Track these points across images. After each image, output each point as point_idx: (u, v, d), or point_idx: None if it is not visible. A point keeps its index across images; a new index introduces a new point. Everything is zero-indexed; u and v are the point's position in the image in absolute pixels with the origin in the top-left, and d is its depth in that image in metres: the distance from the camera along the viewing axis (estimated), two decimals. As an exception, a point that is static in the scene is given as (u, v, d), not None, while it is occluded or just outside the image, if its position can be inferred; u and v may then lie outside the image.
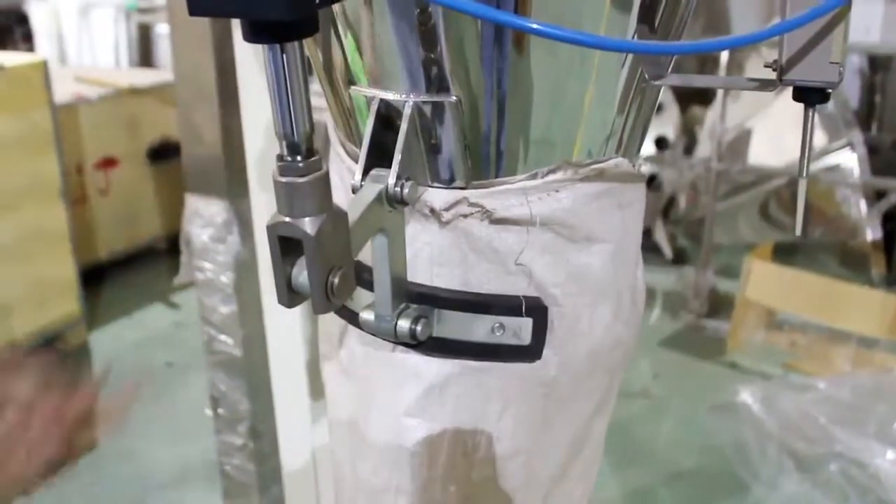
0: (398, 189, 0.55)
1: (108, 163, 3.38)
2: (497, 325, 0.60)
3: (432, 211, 0.59)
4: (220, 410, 1.65)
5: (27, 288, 2.74)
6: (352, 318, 0.63)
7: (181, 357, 2.95)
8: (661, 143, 3.53)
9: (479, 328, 0.60)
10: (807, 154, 0.60)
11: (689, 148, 3.64)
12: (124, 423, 0.90)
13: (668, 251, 3.50)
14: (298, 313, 1.08)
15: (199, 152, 1.54)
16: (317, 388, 1.10)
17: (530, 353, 0.61)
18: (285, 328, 1.09)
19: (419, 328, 0.58)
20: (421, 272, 0.60)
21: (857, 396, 2.45)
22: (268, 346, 1.11)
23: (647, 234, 3.46)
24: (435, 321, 0.60)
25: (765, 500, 2.20)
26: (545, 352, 0.61)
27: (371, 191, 0.55)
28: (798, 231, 0.62)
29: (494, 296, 0.59)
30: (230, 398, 1.63)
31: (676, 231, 3.62)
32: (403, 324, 0.58)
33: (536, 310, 0.60)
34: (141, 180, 3.51)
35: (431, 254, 0.59)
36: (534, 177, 0.59)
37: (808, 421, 2.42)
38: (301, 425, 1.11)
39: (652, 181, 3.40)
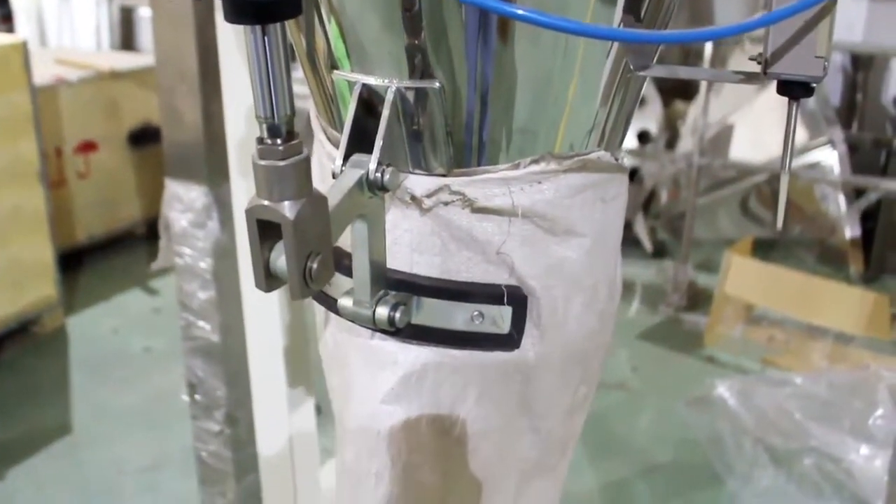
0: (379, 175, 0.55)
1: (88, 146, 3.35)
2: (476, 313, 0.59)
3: (413, 198, 0.58)
4: (197, 396, 1.64)
5: (3, 271, 2.72)
6: (331, 304, 0.63)
7: (159, 343, 2.94)
8: (643, 137, 3.53)
9: (459, 316, 0.59)
10: (790, 148, 0.60)
11: (671, 142, 3.65)
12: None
13: (648, 245, 3.51)
14: (277, 300, 1.08)
15: (180, 136, 1.53)
16: (294, 376, 1.10)
17: (509, 341, 0.61)
18: (264, 315, 1.08)
19: (398, 315, 0.58)
20: (400, 259, 0.60)
21: (833, 392, 2.47)
22: (246, 333, 1.10)
23: (628, 227, 3.47)
24: (414, 309, 0.59)
25: (739, 494, 2.21)
26: (524, 341, 0.61)
27: (352, 176, 0.54)
28: (779, 225, 0.62)
29: (474, 284, 0.59)
30: (207, 384, 1.62)
31: (657, 225, 3.63)
32: (382, 311, 0.57)
33: (517, 299, 0.60)
34: (121, 164, 3.48)
35: (411, 241, 0.59)
36: (516, 167, 0.58)
37: (784, 416, 2.43)
38: (278, 412, 1.11)
39: (633, 175, 3.41)
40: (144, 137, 3.48)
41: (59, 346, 2.90)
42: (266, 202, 0.49)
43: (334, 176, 0.56)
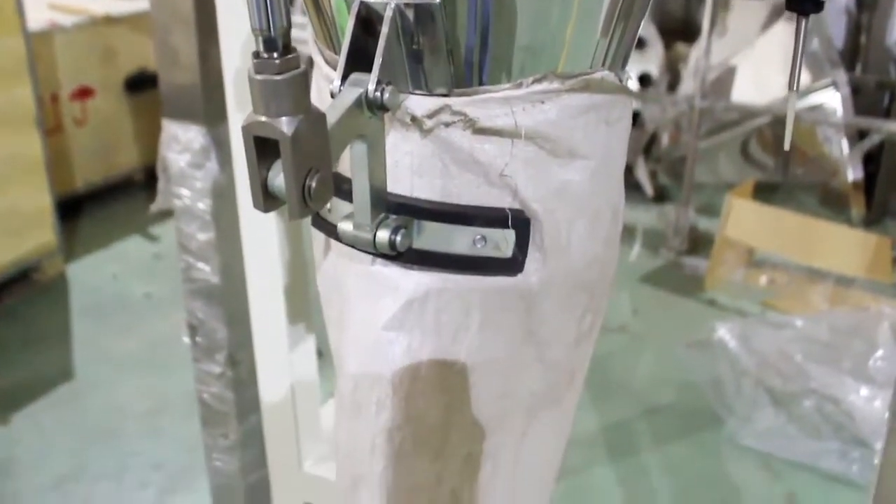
0: (378, 94, 0.53)
1: (84, 92, 3.32)
2: (479, 237, 0.58)
3: (413, 119, 0.57)
4: (198, 339, 1.63)
5: (2, 217, 2.71)
6: (331, 230, 0.62)
7: (159, 289, 2.94)
8: (644, 80, 3.50)
9: (460, 240, 0.58)
10: (798, 67, 0.59)
11: (673, 85, 3.62)
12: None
13: (649, 189, 3.49)
14: (276, 238, 1.07)
15: (176, 77, 1.51)
16: (294, 314, 1.09)
17: (512, 266, 0.60)
18: (263, 254, 1.07)
19: (399, 239, 0.56)
20: (401, 183, 0.58)
21: (834, 334, 2.47)
22: (246, 273, 1.09)
23: (629, 171, 3.45)
24: (415, 233, 0.58)
25: (739, 434, 2.22)
26: (527, 266, 0.60)
27: (350, 94, 0.53)
28: (787, 146, 0.60)
29: (477, 207, 0.58)
30: (208, 326, 1.61)
31: (658, 169, 3.61)
32: (383, 234, 0.56)
33: (520, 222, 0.59)
34: (118, 111, 3.45)
35: (412, 164, 0.58)
36: (518, 86, 0.57)
37: (784, 358, 2.44)
38: (279, 351, 1.10)
39: (635, 119, 3.38)
40: (141, 83, 3.45)
41: (60, 293, 2.90)
42: (263, 118, 0.48)
43: (333, 96, 0.54)
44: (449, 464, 0.67)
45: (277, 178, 0.49)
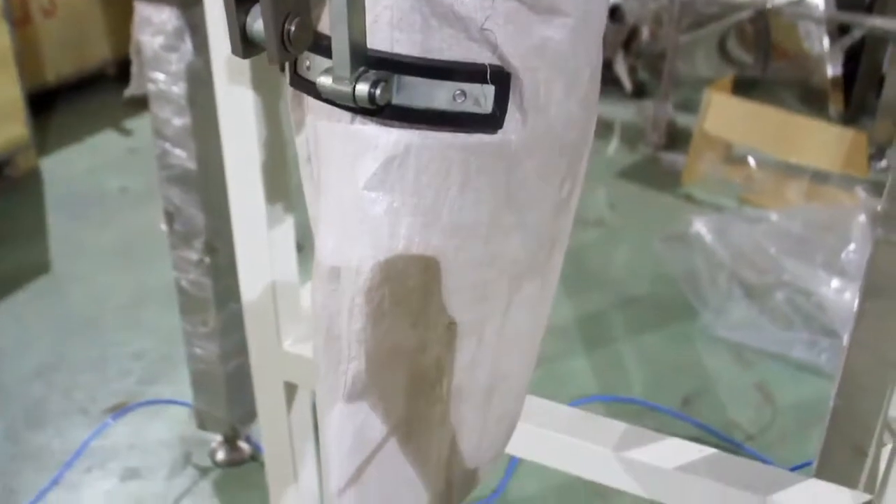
0: (357, -58, 0.52)
1: (52, -18, 3.24)
2: (458, 91, 0.58)
3: (393, -29, 0.56)
4: (176, 226, 1.63)
5: (-28, 110, 2.67)
6: (309, 88, 0.61)
7: (135, 182, 2.92)
8: (625, -27, 3.45)
9: (440, 95, 0.58)
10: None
11: (654, -22, 3.57)
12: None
13: (627, 84, 3.47)
14: (254, 118, 1.06)
15: (148, -43, 1.47)
16: (273, 193, 1.09)
17: (491, 122, 0.59)
18: (241, 133, 1.06)
19: (378, 92, 0.56)
20: (380, 39, 0.58)
21: (808, 228, 2.50)
22: (224, 153, 1.08)
23: (608, 66, 3.43)
24: (395, 89, 0.58)
25: (713, 326, 2.26)
26: (506, 124, 0.60)
27: (329, -59, 0.52)
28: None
29: (457, 62, 0.58)
30: (185, 213, 1.61)
31: (637, 64, 3.59)
32: (362, 87, 0.56)
33: (500, 77, 0.58)
34: (88, 3, 3.37)
35: (392, 18, 0.57)
36: (499, -62, 0.56)
37: (759, 251, 2.47)
38: (258, 230, 1.10)
39: (614, 12, 3.34)
40: (112, -27, 3.37)
41: (34, 187, 2.87)
42: (240, -40, 0.47)
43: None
44: (431, 331, 0.67)
45: (256, 22, 0.48)
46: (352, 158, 0.61)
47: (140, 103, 2.83)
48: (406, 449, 0.73)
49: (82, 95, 3.42)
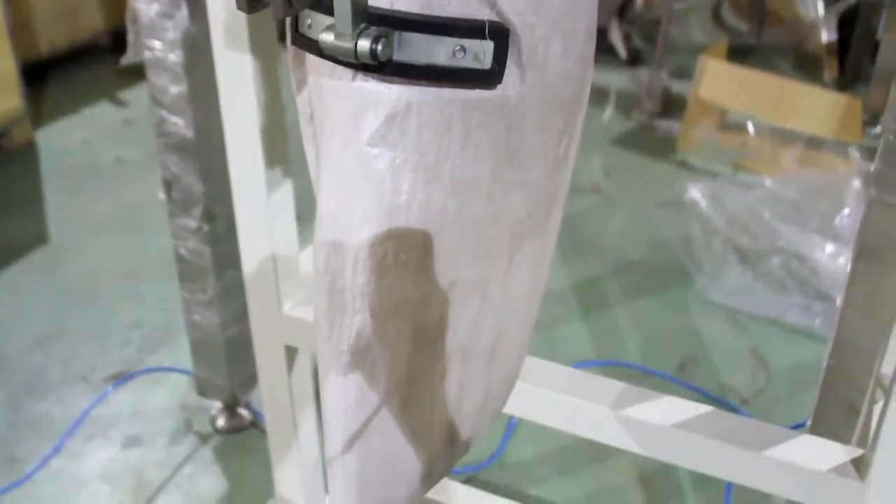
0: None
1: (44, -47, 3.22)
2: (458, 47, 0.59)
3: (393, -73, 0.57)
4: (174, 194, 1.64)
5: (-35, 82, 2.66)
6: (311, 46, 0.62)
7: (130, 154, 2.92)
8: (620, -60, 3.44)
9: (441, 51, 0.59)
10: None
11: (649, -55, 3.56)
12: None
13: (622, 51, 3.47)
14: (252, 82, 1.06)
15: (142, -76, 1.47)
16: (272, 157, 1.09)
17: (491, 77, 0.60)
18: (239, 100, 1.06)
19: (380, 48, 0.57)
20: (381, -4, 0.59)
21: (802, 194, 2.52)
22: (223, 119, 1.09)
23: (603, 34, 3.42)
24: (395, 45, 0.59)
25: (707, 291, 2.28)
26: (505, 80, 0.61)
27: None
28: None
29: (456, 18, 0.58)
30: (183, 181, 1.62)
31: (632, 31, 3.58)
32: (364, 43, 0.57)
33: (498, 32, 0.59)
34: (80, -27, 3.35)
35: (392, -25, 0.58)
36: None
37: (753, 217, 2.48)
38: (257, 194, 1.11)
39: (609, -21, 3.33)
40: (103, -58, 3.34)
41: (30, 159, 2.87)
42: (243, -85, 0.47)
43: None
44: (434, 287, 0.68)
45: (260, -23, 0.49)
46: (354, 115, 0.62)
47: (134, 74, 2.83)
48: (408, 407, 0.75)
49: (76, 67, 3.40)
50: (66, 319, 2.17)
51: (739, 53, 3.20)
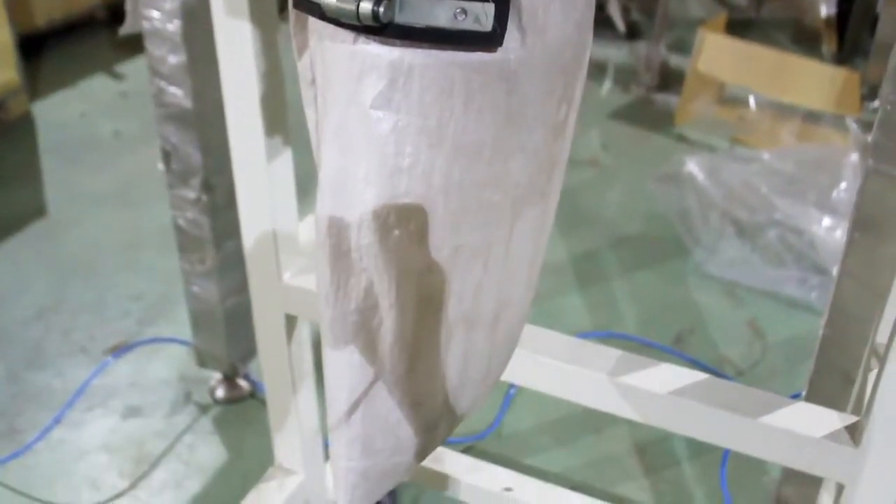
0: None
1: (39, -76, 3.20)
2: (459, 10, 0.59)
3: None
4: (173, 165, 1.64)
5: (-38, 54, 2.65)
6: (314, 9, 0.62)
7: (128, 126, 2.91)
8: (619, -88, 3.42)
9: (442, 14, 0.59)
10: None
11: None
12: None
13: (621, 25, 3.46)
14: (252, 49, 1.06)
15: None
16: (271, 126, 1.10)
17: (492, 39, 0.61)
18: (239, 68, 1.06)
19: (381, 10, 0.57)
20: (382, -41, 0.59)
21: (800, 168, 2.52)
22: (222, 88, 1.09)
23: (601, 7, 3.41)
24: (397, 8, 0.59)
25: (705, 264, 2.29)
26: (505, 42, 0.61)
27: None
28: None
29: (457, -20, 0.59)
30: (182, 151, 1.62)
31: (630, 5, 3.57)
32: (366, 5, 0.57)
33: (499, -6, 0.59)
34: (75, -57, 3.33)
35: (393, -62, 0.58)
36: None
37: (751, 190, 2.49)
38: (257, 165, 1.11)
39: (608, -47, 3.32)
40: (101, -89, 3.32)
41: (27, 132, 2.87)
42: None
43: None
44: (437, 251, 0.69)
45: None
46: (356, 78, 0.63)
47: (130, 47, 2.83)
48: (412, 374, 0.75)
49: (72, 40, 3.39)
50: (66, 291, 2.18)
51: (738, 27, 3.20)
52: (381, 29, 0.59)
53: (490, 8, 0.59)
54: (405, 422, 0.78)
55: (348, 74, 0.63)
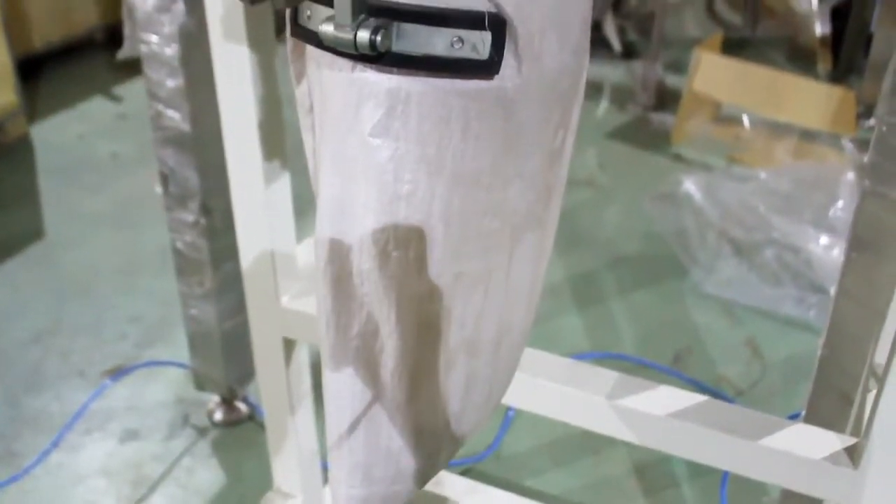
0: None
1: (38, -52, 3.21)
2: (456, 38, 0.59)
3: (391, -79, 0.57)
4: (170, 188, 1.64)
5: (-39, 77, 2.66)
6: (311, 37, 0.63)
7: (126, 148, 2.92)
8: (614, -67, 3.44)
9: (439, 42, 0.60)
10: None
11: (643, -61, 3.57)
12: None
13: (617, 45, 3.48)
14: (250, 75, 1.07)
15: (138, -82, 1.47)
16: (269, 150, 1.10)
17: (489, 67, 0.61)
18: (237, 93, 1.07)
19: (379, 39, 0.58)
20: (379, -13, 0.59)
21: (796, 186, 2.53)
22: (220, 111, 1.09)
23: (597, 27, 3.43)
24: (394, 36, 0.59)
25: (702, 283, 2.29)
26: (502, 70, 0.62)
27: None
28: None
29: (454, 9, 0.59)
30: (180, 175, 1.62)
31: (626, 25, 3.59)
32: (363, 34, 0.58)
33: (496, 23, 0.60)
34: (74, -33, 3.35)
35: (390, -33, 0.59)
36: None
37: (748, 209, 2.49)
38: (255, 189, 1.12)
39: (603, -27, 3.34)
40: (97, -64, 3.34)
41: (25, 154, 2.87)
42: None
43: None
44: (437, 279, 0.69)
45: (261, -31, 0.50)
46: (355, 106, 0.63)
47: (128, 69, 2.84)
48: (413, 400, 0.75)
49: (70, 62, 3.40)
50: (64, 314, 2.17)
51: (734, 46, 3.21)
52: (378, 57, 0.60)
53: (487, 36, 0.60)
54: (406, 449, 0.78)
55: (346, 102, 0.63)
